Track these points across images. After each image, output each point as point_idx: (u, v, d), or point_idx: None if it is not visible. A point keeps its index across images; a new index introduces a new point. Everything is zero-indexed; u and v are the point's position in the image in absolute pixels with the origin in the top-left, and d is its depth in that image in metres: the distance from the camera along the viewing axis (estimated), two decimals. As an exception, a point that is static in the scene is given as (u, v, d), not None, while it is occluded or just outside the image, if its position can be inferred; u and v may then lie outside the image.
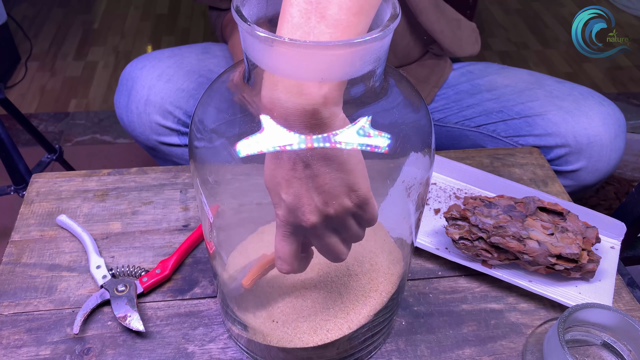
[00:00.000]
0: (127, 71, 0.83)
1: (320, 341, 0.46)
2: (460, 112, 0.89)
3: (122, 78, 0.83)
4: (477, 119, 0.87)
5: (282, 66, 0.32)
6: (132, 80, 0.81)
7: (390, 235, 0.50)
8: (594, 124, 0.78)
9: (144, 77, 0.80)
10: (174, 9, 2.26)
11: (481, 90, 0.87)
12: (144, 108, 0.79)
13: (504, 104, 0.85)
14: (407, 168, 0.39)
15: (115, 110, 0.85)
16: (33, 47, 1.94)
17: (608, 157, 0.79)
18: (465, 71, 0.91)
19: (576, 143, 0.78)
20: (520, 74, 0.89)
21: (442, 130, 0.91)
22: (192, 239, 0.61)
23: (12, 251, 0.61)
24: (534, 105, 0.82)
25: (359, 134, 0.35)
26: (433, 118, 0.92)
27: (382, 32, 0.32)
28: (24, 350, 0.51)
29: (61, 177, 0.70)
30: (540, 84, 0.86)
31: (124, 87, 0.82)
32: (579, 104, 0.80)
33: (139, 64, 0.82)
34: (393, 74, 0.40)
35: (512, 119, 0.84)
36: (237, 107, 0.39)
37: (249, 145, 0.35)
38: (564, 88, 0.84)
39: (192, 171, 0.42)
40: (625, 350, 0.51)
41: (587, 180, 0.81)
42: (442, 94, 0.91)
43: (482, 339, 0.54)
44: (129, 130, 0.83)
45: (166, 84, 0.79)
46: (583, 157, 0.79)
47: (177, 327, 0.54)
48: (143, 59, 0.83)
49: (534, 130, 0.81)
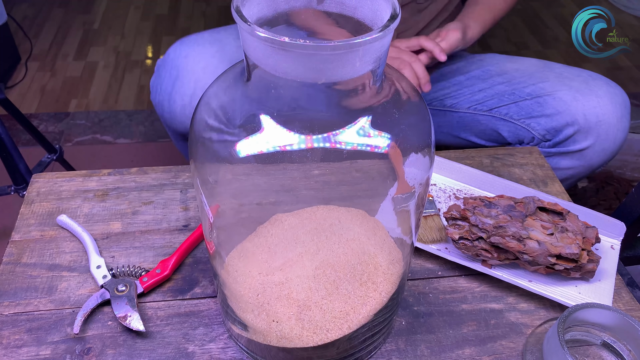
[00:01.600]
0: (171, 58, 0.83)
1: (320, 341, 0.46)
2: (472, 97, 0.90)
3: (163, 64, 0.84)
4: (489, 102, 0.89)
5: (282, 66, 0.32)
6: (177, 70, 0.81)
7: (390, 235, 0.50)
8: (603, 103, 0.80)
9: (190, 68, 0.80)
10: (174, 9, 2.26)
11: (492, 75, 0.89)
12: (189, 100, 0.80)
13: (515, 86, 0.87)
14: (407, 168, 0.39)
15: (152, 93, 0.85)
16: (33, 47, 1.94)
17: (614, 137, 0.81)
18: (475, 59, 0.93)
19: (585, 121, 0.80)
20: (529, 60, 0.92)
21: (455, 116, 0.93)
22: (192, 239, 0.61)
23: (13, 251, 0.61)
24: (545, 85, 0.85)
25: (359, 134, 0.35)
26: (444, 105, 0.93)
27: (382, 32, 0.32)
28: (24, 350, 0.51)
29: (61, 177, 0.70)
30: (550, 67, 0.88)
31: (168, 74, 0.82)
32: (588, 84, 0.82)
33: (182, 51, 0.82)
34: (393, 74, 0.40)
35: (524, 100, 0.85)
36: (239, 107, 0.39)
37: (249, 145, 0.35)
38: (573, 70, 0.87)
39: (192, 171, 0.42)
40: (625, 350, 0.51)
41: (593, 160, 0.83)
42: (454, 80, 0.92)
43: (482, 339, 0.54)
44: (167, 117, 0.84)
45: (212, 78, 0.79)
46: (591, 136, 0.80)
47: (177, 327, 0.54)
48: (185, 46, 0.83)
49: (545, 110, 0.83)
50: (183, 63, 0.81)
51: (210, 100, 0.40)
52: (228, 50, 0.84)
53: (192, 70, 0.80)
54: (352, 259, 0.48)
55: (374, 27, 0.36)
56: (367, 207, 0.44)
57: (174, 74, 0.81)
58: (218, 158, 0.39)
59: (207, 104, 0.40)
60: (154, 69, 0.88)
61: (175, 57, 0.83)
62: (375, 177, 0.40)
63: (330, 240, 0.45)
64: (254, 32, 0.31)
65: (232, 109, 0.40)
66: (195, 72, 0.80)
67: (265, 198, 0.38)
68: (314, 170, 0.37)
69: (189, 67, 0.81)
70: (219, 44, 0.84)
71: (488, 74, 0.90)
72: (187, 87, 0.80)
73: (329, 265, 0.46)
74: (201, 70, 0.80)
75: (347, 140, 0.34)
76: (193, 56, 0.81)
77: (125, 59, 1.94)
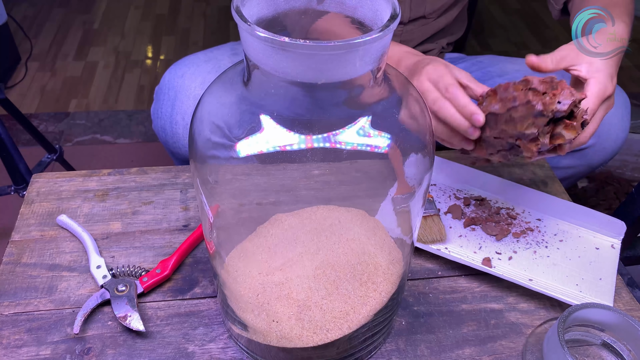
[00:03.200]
0: (167, 80, 0.82)
1: (320, 341, 0.46)
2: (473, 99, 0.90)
3: (162, 87, 0.82)
4: None
5: (282, 66, 0.32)
6: (175, 90, 0.80)
7: (390, 235, 0.50)
8: None
9: (187, 85, 0.79)
10: (174, 9, 2.26)
11: (493, 76, 0.89)
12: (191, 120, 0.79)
13: None
14: (407, 168, 0.39)
15: (154, 120, 0.83)
16: (33, 47, 1.95)
17: (616, 136, 0.82)
18: (475, 61, 0.93)
19: None
20: None
21: None
22: (192, 239, 0.61)
23: (13, 251, 0.61)
24: None
25: (359, 134, 0.35)
26: None
27: (382, 32, 0.32)
28: (24, 350, 0.51)
29: (61, 177, 0.70)
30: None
31: (166, 96, 0.80)
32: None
33: (178, 71, 0.81)
34: (393, 74, 0.40)
35: None
36: (239, 107, 0.40)
37: (249, 145, 0.35)
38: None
39: (192, 171, 0.42)
40: (625, 350, 0.51)
41: (594, 159, 0.84)
42: None
43: (482, 339, 0.54)
44: (171, 141, 0.82)
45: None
46: (593, 135, 0.80)
47: (177, 327, 0.54)
48: (181, 66, 0.82)
49: None
50: (180, 82, 0.80)
51: (209, 101, 0.40)
52: (224, 66, 0.82)
53: (189, 87, 0.79)
54: (352, 259, 0.48)
55: (374, 27, 0.36)
56: (367, 207, 0.44)
57: (172, 95, 0.80)
58: (218, 158, 0.39)
59: (207, 105, 0.40)
60: (153, 97, 0.86)
61: (171, 78, 0.81)
62: (375, 177, 0.40)
63: (330, 240, 0.45)
64: (254, 32, 0.31)
65: (232, 109, 0.40)
66: (194, 89, 0.79)
67: (265, 198, 0.38)
68: (314, 170, 0.37)
69: (186, 85, 0.79)
70: (214, 61, 0.83)
71: (489, 75, 0.90)
72: (186, 105, 0.79)
73: (329, 265, 0.46)
74: (199, 86, 0.79)
75: (347, 140, 0.34)
76: (189, 75, 0.80)
77: (125, 59, 1.94)
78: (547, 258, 0.62)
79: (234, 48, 0.90)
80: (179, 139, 0.81)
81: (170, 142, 0.83)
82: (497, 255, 0.62)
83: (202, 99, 0.41)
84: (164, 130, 0.82)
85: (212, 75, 0.80)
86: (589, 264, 0.61)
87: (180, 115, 0.79)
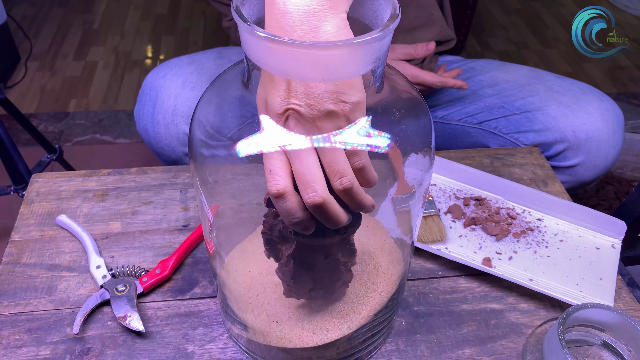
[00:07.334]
0: (149, 80, 0.81)
1: (320, 341, 0.46)
2: (463, 109, 0.90)
3: (143, 88, 0.82)
4: (479, 116, 0.88)
5: (282, 66, 0.32)
6: (156, 90, 0.79)
7: (390, 235, 0.50)
8: (593, 119, 0.78)
9: (168, 85, 0.78)
10: (174, 9, 2.26)
11: (483, 86, 0.88)
12: (172, 118, 0.78)
13: (505, 99, 0.86)
14: (407, 168, 0.39)
15: (137, 122, 0.83)
16: (33, 47, 1.94)
17: (606, 153, 0.80)
18: (467, 68, 0.92)
19: (575, 138, 0.78)
20: (521, 70, 0.90)
21: (446, 128, 0.92)
22: (192, 239, 0.61)
23: (12, 251, 0.61)
24: (534, 100, 0.83)
25: (359, 134, 0.35)
26: (436, 116, 0.93)
27: (382, 32, 0.32)
28: (24, 350, 0.51)
29: (61, 177, 0.70)
30: (541, 79, 0.87)
31: (147, 97, 0.80)
32: (578, 99, 0.81)
33: (160, 72, 0.81)
34: (393, 74, 0.40)
35: (513, 114, 0.85)
36: (238, 107, 0.39)
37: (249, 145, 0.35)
38: (563, 83, 0.85)
39: (192, 171, 0.42)
40: (625, 350, 0.51)
41: (585, 176, 0.82)
42: (445, 91, 0.91)
43: (482, 339, 0.54)
44: (154, 142, 0.81)
45: (192, 92, 0.78)
46: (581, 153, 0.79)
47: (177, 327, 0.54)
48: (164, 67, 0.82)
49: (534, 125, 0.82)
50: (161, 83, 0.79)
51: (209, 101, 0.40)
52: (207, 69, 0.82)
53: (170, 87, 0.78)
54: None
55: (374, 27, 0.36)
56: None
57: (154, 95, 0.79)
58: (218, 158, 0.39)
59: (207, 105, 0.40)
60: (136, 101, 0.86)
61: (152, 79, 0.81)
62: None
63: (330, 241, 0.45)
64: (253, 32, 0.31)
65: (232, 109, 0.40)
66: (174, 89, 0.78)
67: (265, 198, 0.38)
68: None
69: (167, 85, 0.79)
70: (197, 63, 0.83)
71: (479, 84, 0.89)
72: (167, 104, 0.78)
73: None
74: (180, 86, 0.78)
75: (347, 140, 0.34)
76: (170, 75, 0.79)
77: (125, 58, 1.94)
78: (548, 258, 0.62)
79: (220, 52, 0.89)
80: (161, 139, 0.80)
81: (153, 143, 0.82)
82: (497, 255, 0.62)
83: (201, 98, 0.41)
84: (147, 131, 0.81)
85: (195, 76, 0.80)
86: (590, 264, 0.61)
87: (162, 114, 0.78)
